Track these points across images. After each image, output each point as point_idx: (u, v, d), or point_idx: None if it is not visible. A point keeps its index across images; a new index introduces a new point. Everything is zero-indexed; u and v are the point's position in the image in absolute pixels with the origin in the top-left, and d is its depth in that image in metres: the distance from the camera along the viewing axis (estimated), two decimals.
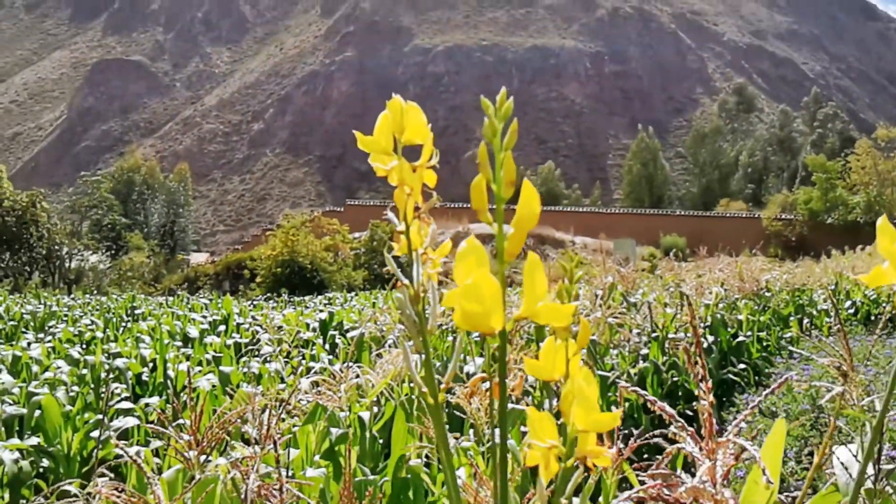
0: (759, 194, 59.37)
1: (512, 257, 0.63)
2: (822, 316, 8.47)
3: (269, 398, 2.77)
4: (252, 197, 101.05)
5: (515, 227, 0.63)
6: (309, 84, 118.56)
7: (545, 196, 49.54)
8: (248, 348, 5.92)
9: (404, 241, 0.71)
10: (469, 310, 0.58)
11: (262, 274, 22.58)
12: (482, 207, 0.64)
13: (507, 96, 0.66)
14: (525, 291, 0.62)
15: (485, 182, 0.63)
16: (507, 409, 2.30)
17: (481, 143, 0.64)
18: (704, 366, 1.01)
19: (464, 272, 0.60)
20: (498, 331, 0.60)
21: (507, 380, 1.42)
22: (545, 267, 0.70)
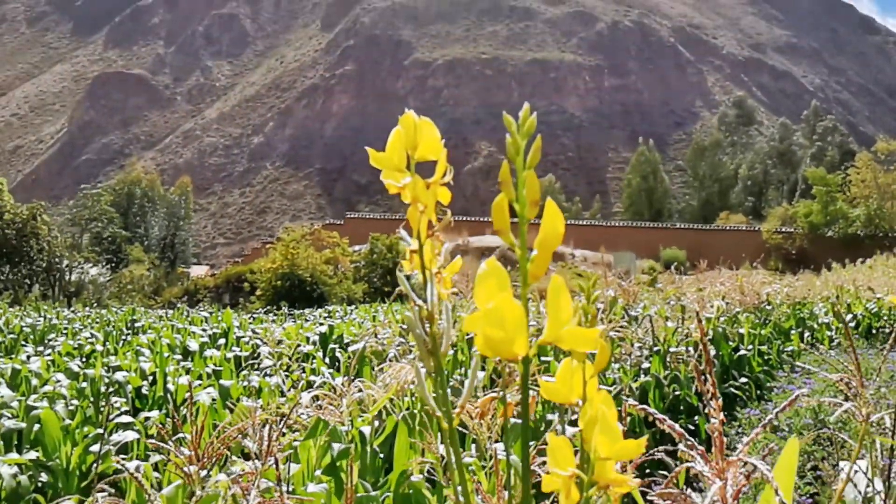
0: (759, 207, 59.39)
1: (536, 279, 0.61)
2: (824, 329, 8.45)
3: (269, 412, 2.75)
4: (252, 210, 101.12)
5: (539, 247, 0.61)
6: (309, 97, 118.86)
7: None
8: (248, 362, 5.90)
9: (416, 260, 0.69)
10: (492, 336, 0.56)
11: (262, 287, 22.54)
12: (504, 227, 0.62)
13: (529, 112, 0.65)
14: (549, 315, 0.60)
15: (507, 202, 0.62)
16: (522, 428, 2.28)
17: (503, 162, 0.62)
18: (714, 383, 0.99)
19: (485, 295, 0.58)
20: (521, 357, 0.58)
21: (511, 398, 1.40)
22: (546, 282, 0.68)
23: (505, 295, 0.57)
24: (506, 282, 0.58)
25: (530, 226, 0.63)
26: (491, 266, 0.59)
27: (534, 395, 0.89)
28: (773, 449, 1.15)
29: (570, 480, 0.60)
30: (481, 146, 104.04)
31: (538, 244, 0.61)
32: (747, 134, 75.55)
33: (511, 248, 0.62)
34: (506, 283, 0.58)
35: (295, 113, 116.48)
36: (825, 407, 4.10)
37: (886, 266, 19.15)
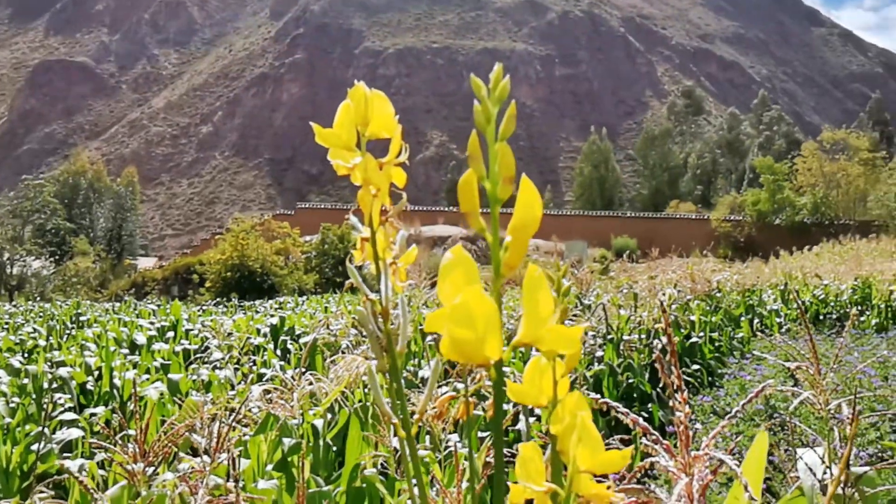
0: (708, 196, 60.33)
1: (511, 271, 0.52)
2: (773, 316, 8.58)
3: (219, 407, 2.68)
4: (201, 200, 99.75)
5: (515, 233, 0.52)
6: (258, 86, 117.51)
7: None
8: (197, 355, 5.78)
9: (368, 249, 0.61)
10: (459, 337, 0.47)
11: (211, 278, 22.26)
12: (472, 209, 0.53)
13: (502, 75, 0.55)
14: (526, 312, 0.51)
15: (476, 179, 0.53)
16: (452, 418, 2.23)
17: (472, 132, 0.52)
18: (680, 375, 0.96)
19: (451, 289, 0.49)
20: (493, 361, 0.49)
21: (461, 387, 1.35)
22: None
23: (474, 289, 0.49)
24: (474, 273, 0.50)
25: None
26: (457, 255, 0.51)
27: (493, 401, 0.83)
28: (735, 441, 1.13)
29: (545, 496, 0.53)
30: (433, 135, 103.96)
31: (513, 229, 0.53)
32: (696, 123, 76.68)
33: (471, 238, 0.55)
34: (474, 274, 0.50)
35: (244, 102, 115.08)
36: (776, 393, 4.15)
37: (832, 253, 19.58)
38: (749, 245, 33.08)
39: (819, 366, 1.59)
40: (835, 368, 1.62)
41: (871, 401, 3.92)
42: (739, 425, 3.92)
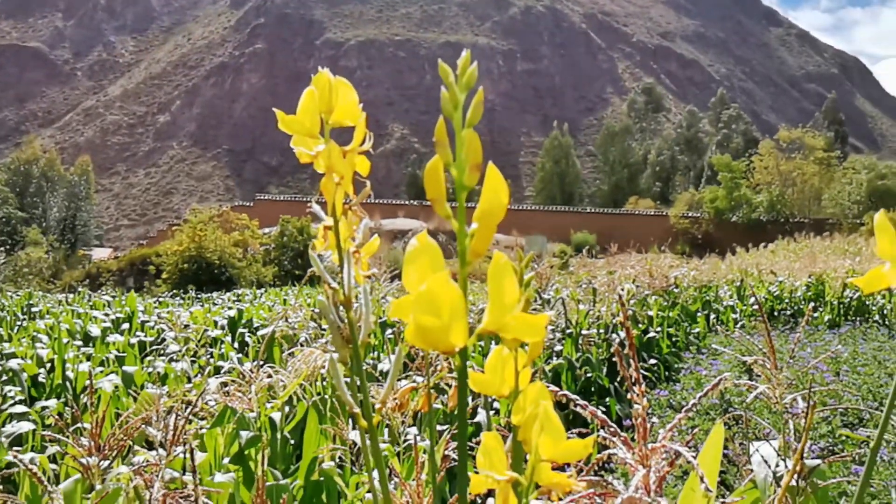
0: (667, 192, 60.98)
1: (477, 258, 0.52)
2: (728, 312, 8.71)
3: (175, 400, 2.65)
4: (158, 191, 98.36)
5: (481, 220, 0.52)
6: (217, 76, 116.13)
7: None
8: (152, 347, 5.71)
9: (331, 238, 0.61)
10: (424, 324, 0.47)
11: (168, 270, 22.02)
12: (439, 196, 0.52)
13: (469, 62, 0.55)
14: (491, 299, 0.51)
15: (442, 166, 0.52)
16: (411, 410, 2.22)
17: (439, 118, 0.52)
18: (638, 367, 0.97)
19: (416, 276, 0.49)
20: (459, 348, 0.49)
21: (420, 379, 1.35)
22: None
23: (440, 276, 0.48)
24: (440, 260, 0.50)
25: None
26: (422, 242, 0.51)
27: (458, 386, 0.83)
28: (692, 434, 1.14)
29: (507, 485, 0.53)
30: (394, 128, 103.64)
31: (480, 216, 0.52)
32: (656, 120, 77.44)
33: (431, 232, 0.54)
34: (440, 261, 0.50)
35: (203, 92, 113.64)
36: (731, 388, 4.21)
37: (788, 251, 19.91)
38: (706, 242, 33.50)
39: (775, 360, 1.61)
40: (789, 363, 1.64)
41: (823, 395, 3.99)
42: (695, 419, 3.97)
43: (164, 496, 1.53)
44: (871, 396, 4.44)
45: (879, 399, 4.38)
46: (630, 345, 0.98)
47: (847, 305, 9.15)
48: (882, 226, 0.69)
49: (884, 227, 0.69)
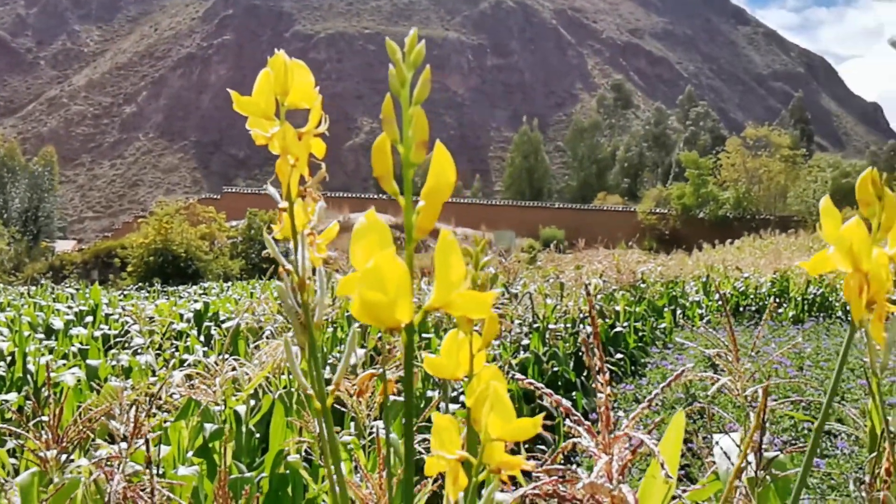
0: (635, 189, 61.39)
1: (423, 234, 0.53)
2: (695, 307, 8.79)
3: (139, 392, 2.62)
4: (123, 183, 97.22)
5: (428, 197, 0.53)
6: (185, 67, 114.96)
7: None
8: (117, 340, 5.65)
9: (287, 222, 0.61)
10: (370, 299, 0.48)
11: (133, 263, 21.81)
12: (386, 173, 0.53)
13: (416, 40, 0.55)
14: (437, 276, 0.52)
15: (389, 143, 0.53)
16: (376, 401, 2.22)
17: (386, 96, 0.53)
18: (602, 356, 0.97)
19: (363, 253, 0.50)
20: (405, 324, 0.50)
21: (392, 374, 1.34)
22: (427, 258, 0.62)
23: (386, 252, 0.49)
24: (388, 238, 0.51)
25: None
26: (370, 220, 0.51)
27: (415, 372, 0.83)
28: (655, 424, 1.15)
29: (458, 465, 0.54)
30: (363, 122, 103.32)
31: (426, 193, 0.53)
32: (625, 117, 78.00)
33: (399, 226, 0.54)
34: (387, 239, 0.50)
35: (170, 83, 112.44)
36: (696, 381, 4.25)
37: (753, 247, 20.16)
38: (674, 238, 33.78)
39: (737, 354, 1.63)
40: (753, 358, 1.66)
41: (786, 390, 4.05)
42: (661, 413, 4.01)
43: (125, 489, 1.51)
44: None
45: (841, 393, 4.45)
46: (595, 334, 0.99)
47: (811, 301, 9.28)
48: (827, 210, 0.70)
49: (829, 212, 0.70)
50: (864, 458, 2.81)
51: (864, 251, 0.67)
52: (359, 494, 1.27)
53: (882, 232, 0.68)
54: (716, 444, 1.73)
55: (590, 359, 0.97)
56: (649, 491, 0.99)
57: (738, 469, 1.05)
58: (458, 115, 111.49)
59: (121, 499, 1.49)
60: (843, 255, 0.68)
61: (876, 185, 0.69)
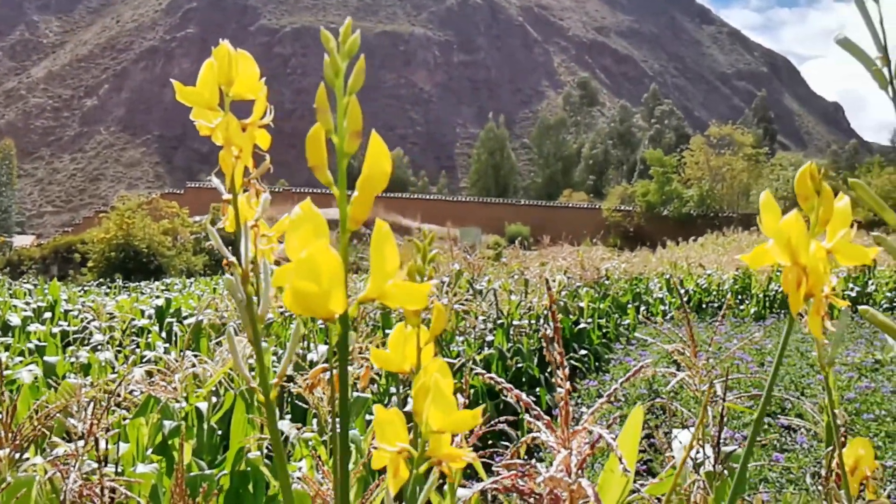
0: (600, 186, 61.82)
1: (357, 225, 0.52)
2: (658, 304, 8.86)
3: (97, 390, 2.58)
4: (84, 177, 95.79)
5: (361, 188, 0.52)
6: (148, 60, 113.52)
7: (392, 183, 49.58)
8: (75, 337, 5.56)
9: (231, 213, 0.59)
10: (303, 290, 0.47)
11: (94, 258, 21.50)
12: (320, 164, 0.52)
13: (351, 29, 0.55)
14: (373, 268, 0.51)
15: (323, 133, 0.52)
16: (350, 399, 2.21)
17: (320, 85, 0.52)
18: (562, 352, 0.97)
19: (298, 244, 0.49)
20: (338, 315, 0.50)
21: (351, 370, 1.34)
22: None
23: (321, 243, 0.49)
24: (323, 228, 0.50)
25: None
26: (306, 210, 0.51)
27: (369, 366, 0.82)
28: (616, 418, 1.15)
29: (398, 457, 0.53)
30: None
31: (361, 184, 0.53)
32: (590, 115, 78.47)
33: (364, 223, 0.53)
34: (323, 229, 0.50)
35: (132, 76, 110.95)
36: (659, 377, 4.29)
37: (716, 244, 20.40)
38: (638, 235, 34.04)
39: (696, 349, 1.64)
40: (714, 353, 1.68)
41: (747, 386, 4.10)
42: (624, 408, 4.03)
43: (81, 488, 1.49)
44: (794, 386, 4.58)
45: (801, 388, 4.51)
46: (555, 329, 0.99)
47: (772, 298, 9.40)
48: (766, 204, 0.71)
49: (768, 206, 0.71)
50: (822, 453, 2.85)
51: (802, 245, 0.67)
52: (318, 491, 1.26)
53: (820, 226, 0.69)
54: (674, 439, 1.75)
55: (550, 354, 0.96)
56: (608, 485, 0.99)
57: (683, 462, 1.05)
58: (425, 111, 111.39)
59: (77, 497, 1.47)
60: (782, 249, 0.68)
61: (814, 179, 0.69)
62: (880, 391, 4.12)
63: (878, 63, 0.75)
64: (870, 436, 3.42)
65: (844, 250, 0.72)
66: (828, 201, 0.69)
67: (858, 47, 0.76)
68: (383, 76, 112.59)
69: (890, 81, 0.75)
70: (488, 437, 3.60)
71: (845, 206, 0.72)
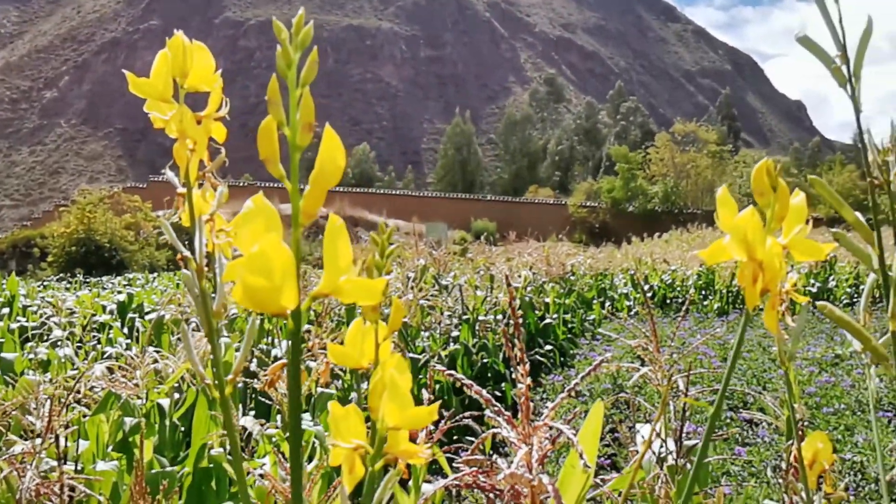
0: (566, 182, 62.12)
1: (310, 219, 0.51)
2: (623, 299, 8.93)
3: (56, 386, 2.54)
4: (44, 170, 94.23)
5: (314, 182, 0.51)
6: (109, 52, 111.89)
7: (359, 178, 49.36)
8: (33, 332, 5.47)
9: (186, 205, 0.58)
10: (253, 284, 0.46)
11: (54, 253, 21.18)
12: (272, 157, 0.51)
13: (304, 21, 0.54)
14: (326, 263, 0.51)
15: (275, 126, 0.51)
16: (315, 395, 2.20)
17: (272, 77, 0.52)
18: (523, 348, 0.97)
19: (249, 238, 0.48)
20: (291, 310, 0.49)
21: (315, 366, 1.33)
22: (358, 250, 0.61)
23: (272, 236, 0.48)
24: (276, 222, 0.49)
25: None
26: (258, 203, 0.50)
27: (328, 362, 0.81)
28: (577, 413, 1.15)
29: (353, 453, 0.53)
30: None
31: (314, 178, 0.52)
32: (556, 111, 78.84)
33: (341, 216, 0.52)
34: (276, 223, 0.49)
35: (94, 68, 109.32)
36: (623, 372, 4.32)
37: (680, 240, 20.59)
38: (603, 231, 34.27)
39: (658, 344, 1.65)
40: (678, 349, 1.69)
41: (710, 380, 4.14)
42: (589, 403, 4.06)
43: (38, 486, 1.46)
44: (756, 381, 4.63)
45: (763, 383, 4.57)
46: (515, 325, 0.98)
47: (735, 294, 9.51)
48: (723, 200, 0.71)
49: (725, 201, 0.71)
50: (783, 446, 2.89)
51: (758, 240, 0.68)
52: (278, 488, 1.25)
53: (776, 221, 0.70)
54: (638, 433, 1.76)
55: (509, 348, 0.96)
56: (569, 480, 0.99)
57: (642, 456, 1.06)
58: (391, 105, 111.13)
59: (34, 496, 1.44)
60: (738, 244, 0.69)
61: (770, 175, 0.70)
62: (840, 385, 4.19)
63: (837, 61, 0.76)
64: (830, 429, 3.47)
65: (800, 246, 0.72)
66: (783, 197, 0.69)
67: (818, 45, 0.77)
68: (350, 70, 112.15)
69: (849, 79, 0.76)
70: (454, 433, 3.61)
71: (801, 202, 0.73)
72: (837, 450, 3.15)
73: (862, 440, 3.25)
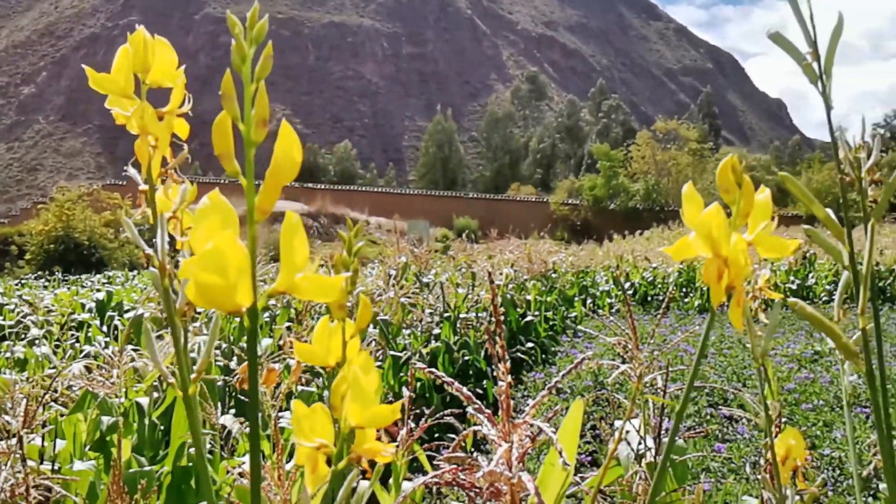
0: (548, 179, 62.26)
1: (264, 215, 0.51)
2: (604, 297, 8.95)
3: (33, 385, 2.52)
4: (21, 167, 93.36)
5: (269, 177, 0.51)
6: (88, 47, 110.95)
7: (340, 175, 49.22)
8: (10, 330, 5.41)
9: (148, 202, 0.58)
10: (206, 282, 0.45)
11: (32, 251, 20.99)
12: (226, 152, 0.51)
13: (259, 15, 0.54)
14: (283, 260, 0.50)
15: (230, 121, 0.51)
16: (296, 393, 2.18)
17: (226, 71, 0.51)
18: (504, 345, 0.97)
19: (204, 235, 0.48)
20: (246, 308, 0.48)
21: (293, 364, 1.31)
22: (338, 248, 0.60)
23: (227, 233, 0.47)
24: (232, 219, 0.48)
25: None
26: (214, 200, 0.49)
27: (299, 361, 0.81)
28: (557, 410, 1.15)
29: (316, 453, 0.52)
30: (276, 108, 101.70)
31: (269, 174, 0.51)
32: (538, 108, 78.96)
33: (312, 215, 0.52)
34: (232, 220, 0.48)
35: (72, 63, 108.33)
36: (604, 370, 4.33)
37: (662, 238, 20.67)
38: (585, 228, 34.38)
39: (637, 341, 1.65)
40: (659, 346, 1.69)
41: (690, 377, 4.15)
42: (570, 400, 4.06)
43: (13, 487, 1.44)
44: (736, 377, 4.66)
45: (743, 380, 4.60)
46: (497, 322, 0.98)
47: None
48: (688, 196, 0.71)
49: (690, 198, 0.72)
50: (762, 443, 2.90)
51: (723, 236, 0.68)
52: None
53: (741, 218, 0.70)
54: (616, 430, 1.76)
55: (492, 346, 0.96)
56: (548, 478, 0.99)
57: (614, 451, 1.06)
58: (373, 103, 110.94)
59: (8, 497, 1.43)
60: (703, 241, 0.69)
61: (736, 171, 0.70)
62: (819, 381, 4.22)
63: (808, 58, 0.76)
64: (809, 425, 3.49)
65: (765, 242, 0.73)
66: (749, 194, 0.69)
67: (790, 42, 0.77)
68: (331, 68, 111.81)
69: (820, 76, 0.76)
70: (435, 430, 3.60)
71: (766, 199, 0.73)
72: (816, 446, 3.17)
73: (840, 436, 3.28)
